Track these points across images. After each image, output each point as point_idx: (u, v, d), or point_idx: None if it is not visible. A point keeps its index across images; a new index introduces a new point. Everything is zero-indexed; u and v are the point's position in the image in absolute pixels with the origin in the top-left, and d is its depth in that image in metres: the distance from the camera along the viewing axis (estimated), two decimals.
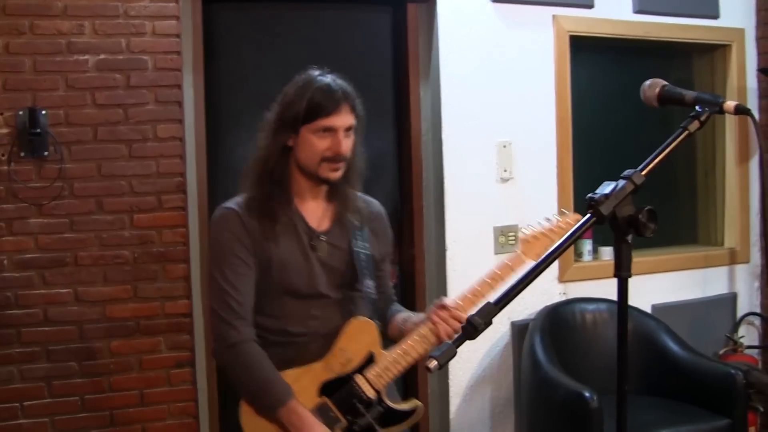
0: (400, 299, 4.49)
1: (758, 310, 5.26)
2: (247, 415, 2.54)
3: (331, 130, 2.59)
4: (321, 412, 2.54)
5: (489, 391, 4.50)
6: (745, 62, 5.22)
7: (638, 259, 4.56)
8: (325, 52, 4.31)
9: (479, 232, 4.44)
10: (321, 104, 2.56)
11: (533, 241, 2.78)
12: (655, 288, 4.89)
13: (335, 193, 2.73)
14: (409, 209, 4.52)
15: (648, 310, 4.78)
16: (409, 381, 4.46)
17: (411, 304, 4.39)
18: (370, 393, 2.61)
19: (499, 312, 1.68)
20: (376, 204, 2.89)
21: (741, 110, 1.94)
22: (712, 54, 5.29)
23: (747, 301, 5.25)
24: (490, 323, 1.67)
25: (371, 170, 4.41)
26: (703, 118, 1.91)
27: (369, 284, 2.70)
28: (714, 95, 1.99)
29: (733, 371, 3.99)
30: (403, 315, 2.85)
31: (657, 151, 1.89)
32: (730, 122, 5.19)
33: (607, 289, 4.48)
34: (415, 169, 4.49)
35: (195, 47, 4.02)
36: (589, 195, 1.78)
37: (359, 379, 2.62)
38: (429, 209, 4.53)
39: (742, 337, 5.16)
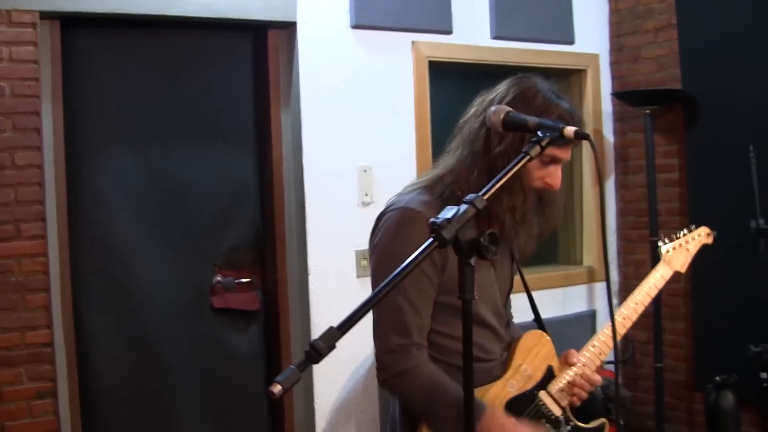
0: (263, 324, 4.73)
1: None
2: None
3: (556, 162, 2.43)
4: None
5: (354, 414, 4.73)
6: (600, 86, 5.73)
7: None
8: (186, 78, 4.50)
9: (341, 256, 4.66)
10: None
11: (674, 253, 2.98)
12: (517, 307, 5.08)
13: None
14: (271, 234, 4.69)
15: None
16: (275, 404, 4.65)
17: (275, 329, 4.64)
18: (557, 411, 2.57)
19: (342, 336, 1.65)
20: None
21: (580, 135, 2.14)
22: (568, 79, 5.75)
23: (606, 318, 5.55)
24: (333, 347, 1.63)
25: (233, 196, 4.66)
26: (544, 143, 2.08)
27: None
28: (555, 121, 2.18)
29: None
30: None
31: (499, 176, 1.99)
32: (586, 144, 5.60)
33: None
34: (276, 194, 4.65)
35: (54, 73, 4.08)
36: (432, 220, 1.80)
37: (545, 397, 2.56)
38: (291, 234, 4.70)
39: None
